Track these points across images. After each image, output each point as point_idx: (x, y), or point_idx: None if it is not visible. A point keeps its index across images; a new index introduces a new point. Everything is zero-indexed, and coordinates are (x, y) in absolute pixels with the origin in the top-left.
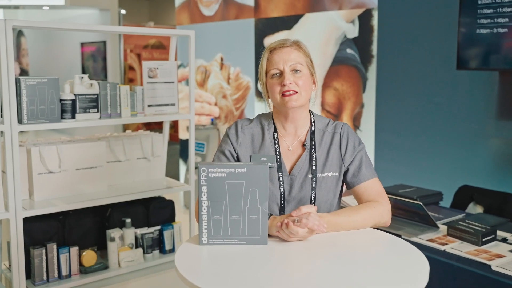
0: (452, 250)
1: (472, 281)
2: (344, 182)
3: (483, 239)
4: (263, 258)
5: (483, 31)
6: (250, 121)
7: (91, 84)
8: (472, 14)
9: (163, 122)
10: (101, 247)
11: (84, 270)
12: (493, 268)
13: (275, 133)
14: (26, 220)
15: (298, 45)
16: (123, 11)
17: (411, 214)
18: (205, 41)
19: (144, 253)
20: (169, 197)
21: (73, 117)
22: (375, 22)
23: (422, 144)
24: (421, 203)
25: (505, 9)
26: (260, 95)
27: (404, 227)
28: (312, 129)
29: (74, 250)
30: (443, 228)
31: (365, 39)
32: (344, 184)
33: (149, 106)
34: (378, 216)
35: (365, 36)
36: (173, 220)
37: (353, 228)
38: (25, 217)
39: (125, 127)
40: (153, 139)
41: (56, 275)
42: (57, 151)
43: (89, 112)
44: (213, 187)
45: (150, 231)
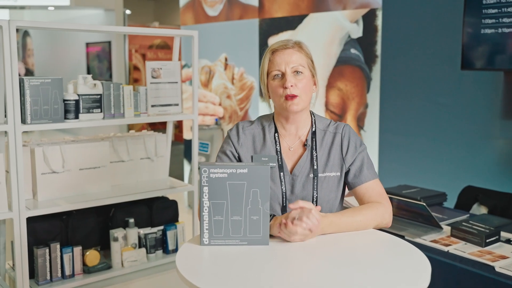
0: (455, 251)
1: (476, 282)
2: (345, 182)
3: (487, 240)
4: (264, 259)
5: (488, 31)
6: (251, 122)
7: (95, 84)
8: (476, 14)
9: (167, 122)
10: (104, 247)
11: (87, 269)
12: (497, 269)
13: (276, 134)
14: (30, 220)
15: (300, 46)
16: (128, 12)
17: (414, 214)
18: (210, 41)
19: (147, 253)
20: (173, 197)
21: (76, 117)
22: (379, 22)
23: (426, 144)
24: (424, 204)
25: (510, 9)
26: None
27: (407, 227)
28: (313, 129)
29: (78, 250)
30: (447, 229)
31: (369, 39)
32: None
33: (152, 106)
34: (380, 217)
35: (369, 36)
36: (176, 220)
37: (355, 228)
38: (29, 217)
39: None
40: (157, 139)
41: (59, 274)
42: (61, 151)
43: (93, 112)
44: (214, 187)
45: (153, 231)
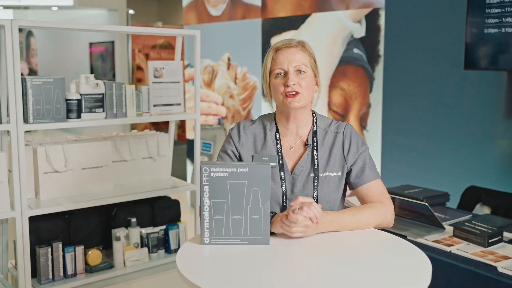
0: (458, 251)
1: (478, 282)
2: (347, 182)
3: (490, 240)
4: (264, 258)
5: (491, 30)
6: (252, 122)
7: (97, 84)
8: (480, 13)
9: (169, 121)
10: (107, 247)
11: (89, 269)
12: (499, 269)
13: (277, 133)
14: (32, 219)
15: (303, 45)
16: (131, 11)
17: (416, 214)
18: (212, 41)
19: (149, 252)
20: (176, 196)
21: (78, 116)
22: (382, 21)
23: (429, 144)
24: (426, 204)
25: None
26: None
27: (409, 228)
28: (314, 129)
29: (80, 249)
30: (449, 229)
31: (372, 39)
32: (348, 185)
33: (154, 105)
34: (382, 216)
35: (372, 36)
36: (179, 220)
37: (356, 227)
38: (31, 216)
39: (133, 127)
40: (159, 138)
41: (61, 274)
42: (63, 151)
43: (95, 111)
44: (215, 186)
45: (156, 230)
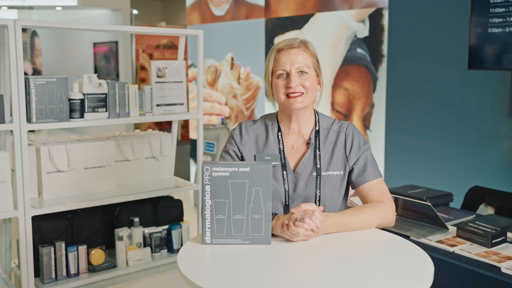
0: (461, 251)
1: (481, 283)
2: (349, 181)
3: (493, 241)
4: (266, 258)
5: (495, 30)
6: (254, 122)
7: (100, 84)
8: (484, 13)
9: (172, 121)
10: (109, 246)
11: (92, 268)
12: (503, 270)
13: (279, 133)
14: (35, 219)
15: (306, 46)
16: (135, 11)
17: (420, 215)
18: (216, 41)
19: (152, 252)
20: (179, 196)
21: (81, 116)
22: (385, 21)
23: (432, 144)
24: (429, 204)
25: None
26: None
27: (412, 228)
28: (317, 128)
29: (83, 248)
30: (453, 230)
31: (375, 39)
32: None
33: (157, 105)
34: (383, 216)
35: (375, 36)
36: (181, 220)
37: (358, 228)
38: (34, 216)
39: (137, 127)
40: (162, 138)
41: (64, 273)
42: (66, 150)
43: (98, 111)
44: (216, 186)
45: (158, 230)
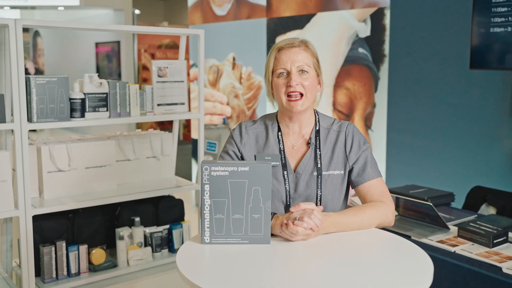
0: (462, 251)
1: (482, 283)
2: (349, 181)
3: (494, 241)
4: (265, 258)
5: (497, 29)
6: (254, 122)
7: (101, 83)
8: (486, 12)
9: (173, 121)
10: (110, 246)
11: (93, 268)
12: (504, 270)
13: (279, 133)
14: (36, 218)
15: (306, 45)
16: (137, 11)
17: (421, 215)
18: (217, 40)
19: (153, 252)
20: (181, 196)
21: (82, 116)
22: (387, 21)
23: (434, 144)
24: (431, 204)
25: None
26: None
27: (414, 228)
28: (317, 128)
29: (83, 248)
30: (454, 230)
31: (377, 38)
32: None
33: (158, 105)
34: (383, 216)
35: (377, 35)
36: (182, 219)
37: (358, 228)
38: (35, 215)
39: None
40: (163, 138)
41: (65, 273)
42: (67, 150)
43: (99, 111)
44: (215, 185)
45: (159, 230)
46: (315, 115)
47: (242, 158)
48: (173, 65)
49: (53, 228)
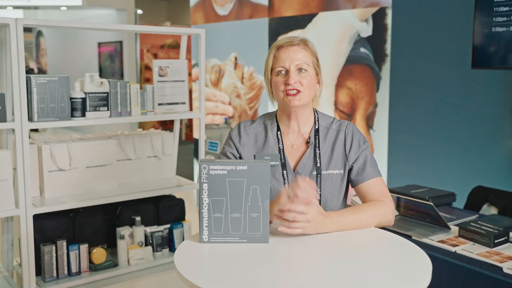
0: (463, 251)
1: (483, 283)
2: (348, 180)
3: (495, 241)
4: (264, 257)
5: (499, 29)
6: (252, 122)
7: (102, 83)
8: (488, 12)
9: (174, 120)
10: (111, 245)
11: (93, 267)
12: (505, 270)
13: (279, 132)
14: (37, 217)
15: (305, 44)
16: (139, 11)
17: (422, 214)
18: (219, 40)
19: (153, 251)
20: (182, 195)
21: (83, 115)
22: (389, 20)
23: (435, 144)
24: (432, 204)
25: None
26: None
27: (414, 227)
28: (316, 127)
29: (84, 247)
30: (455, 229)
31: (379, 38)
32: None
33: (159, 104)
34: (383, 215)
35: (379, 35)
36: (183, 219)
37: (357, 227)
38: (36, 214)
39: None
40: (164, 137)
41: (66, 272)
42: (68, 149)
43: (99, 110)
44: (214, 184)
45: (160, 229)
46: (314, 114)
47: (241, 159)
48: (174, 64)
49: (53, 227)
